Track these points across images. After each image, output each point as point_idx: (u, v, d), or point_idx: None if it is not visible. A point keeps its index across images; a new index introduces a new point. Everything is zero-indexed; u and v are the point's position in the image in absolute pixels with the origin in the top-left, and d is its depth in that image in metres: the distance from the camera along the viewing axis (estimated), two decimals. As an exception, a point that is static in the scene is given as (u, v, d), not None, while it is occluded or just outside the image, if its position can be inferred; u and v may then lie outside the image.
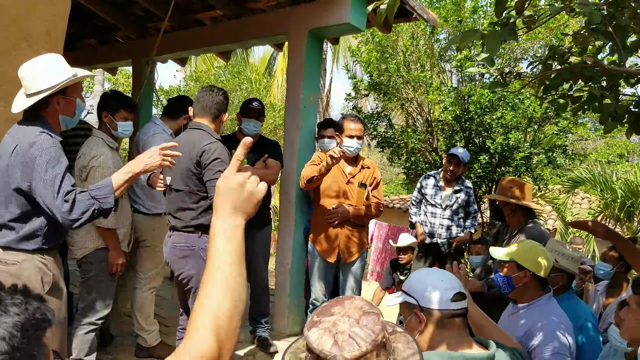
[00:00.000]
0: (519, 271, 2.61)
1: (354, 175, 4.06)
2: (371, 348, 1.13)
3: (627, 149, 20.97)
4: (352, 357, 1.11)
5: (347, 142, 4.00)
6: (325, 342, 1.14)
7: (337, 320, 1.18)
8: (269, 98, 12.60)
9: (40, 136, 2.22)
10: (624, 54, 2.15)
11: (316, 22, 4.46)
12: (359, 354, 1.11)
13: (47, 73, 2.27)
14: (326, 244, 4.02)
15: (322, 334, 1.16)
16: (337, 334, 1.15)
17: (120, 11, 6.12)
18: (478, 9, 6.46)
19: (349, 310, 1.20)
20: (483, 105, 6.27)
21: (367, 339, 1.13)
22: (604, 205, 9.44)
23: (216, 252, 1.06)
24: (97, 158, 3.14)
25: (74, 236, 3.19)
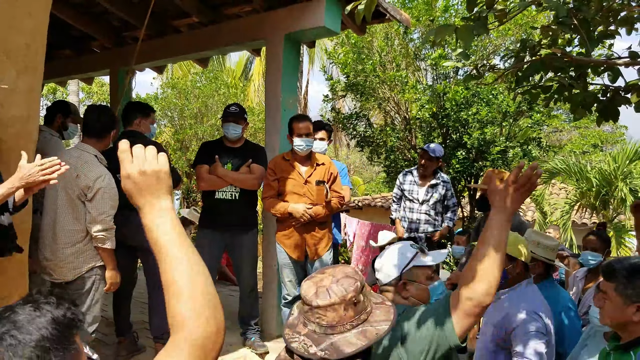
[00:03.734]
0: (510, 263, 2.67)
1: (310, 175, 4.05)
2: (339, 301, 1.46)
3: (600, 139, 21.46)
4: (322, 304, 1.46)
5: (296, 141, 4.02)
6: (310, 291, 1.50)
7: (324, 278, 1.53)
8: (247, 102, 12.64)
9: None
10: (589, 45, 2.25)
11: (292, 26, 4.52)
12: (328, 303, 1.46)
13: None
14: (293, 244, 4.05)
15: (310, 285, 1.52)
16: (320, 287, 1.50)
17: (95, 21, 6.10)
18: (449, 8, 6.60)
19: (336, 272, 1.54)
20: (458, 101, 6.41)
21: (338, 293, 1.46)
22: (580, 194, 9.67)
23: (161, 246, 1.05)
24: (102, 179, 3.13)
25: (63, 259, 3.13)
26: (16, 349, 0.85)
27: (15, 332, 0.86)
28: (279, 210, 3.97)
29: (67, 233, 3.15)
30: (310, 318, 1.49)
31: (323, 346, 1.44)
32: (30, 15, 3.07)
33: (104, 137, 3.38)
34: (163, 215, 1.08)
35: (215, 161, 4.10)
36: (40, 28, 3.14)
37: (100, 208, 3.13)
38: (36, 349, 0.86)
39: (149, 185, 1.09)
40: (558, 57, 2.27)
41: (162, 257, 1.04)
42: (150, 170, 1.09)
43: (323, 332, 1.47)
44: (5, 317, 0.89)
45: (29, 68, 3.06)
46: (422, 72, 7.63)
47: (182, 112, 9.68)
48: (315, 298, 1.47)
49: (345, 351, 1.42)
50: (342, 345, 1.43)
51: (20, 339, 0.86)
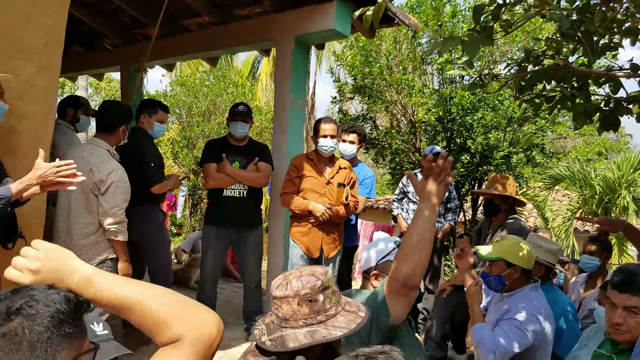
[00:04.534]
0: (508, 268, 2.74)
1: (332, 176, 4.17)
2: (292, 295, 1.52)
3: (605, 147, 21.47)
4: (278, 295, 1.54)
5: (321, 142, 4.13)
6: (277, 282, 1.59)
7: (294, 272, 1.61)
8: (255, 102, 12.73)
9: None
10: (592, 57, 2.32)
11: (302, 28, 4.60)
12: (283, 295, 1.53)
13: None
14: (309, 241, 4.12)
15: (280, 277, 1.61)
16: (284, 280, 1.57)
17: (107, 18, 6.19)
18: (457, 14, 6.68)
19: (305, 270, 1.61)
20: (464, 106, 6.48)
21: (294, 287, 1.53)
22: (582, 201, 9.73)
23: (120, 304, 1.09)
24: (114, 173, 3.22)
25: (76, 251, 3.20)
26: (34, 318, 0.92)
27: (33, 304, 0.93)
28: (299, 206, 4.05)
29: (80, 225, 3.24)
30: (272, 308, 1.57)
31: (273, 336, 1.51)
32: (48, 14, 3.16)
33: (114, 132, 3.47)
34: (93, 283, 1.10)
35: (223, 159, 4.18)
36: (58, 27, 3.24)
37: (112, 201, 3.22)
38: (52, 320, 0.93)
39: (56, 271, 1.09)
40: (561, 68, 2.34)
41: (125, 309, 1.09)
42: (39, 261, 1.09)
43: (278, 323, 1.54)
44: (22, 292, 0.96)
45: (46, 65, 3.15)
46: (429, 76, 7.70)
47: (190, 110, 9.76)
48: (275, 289, 1.56)
49: (289, 345, 1.48)
50: (288, 339, 1.49)
51: (38, 310, 0.93)
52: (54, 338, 0.93)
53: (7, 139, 2.87)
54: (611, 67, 2.39)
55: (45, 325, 0.92)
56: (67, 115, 4.10)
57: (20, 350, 0.89)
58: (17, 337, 0.90)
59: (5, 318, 0.91)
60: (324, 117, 4.37)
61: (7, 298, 0.95)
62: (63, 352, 0.94)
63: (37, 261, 1.09)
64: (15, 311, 0.92)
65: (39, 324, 0.92)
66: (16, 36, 2.99)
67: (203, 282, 4.39)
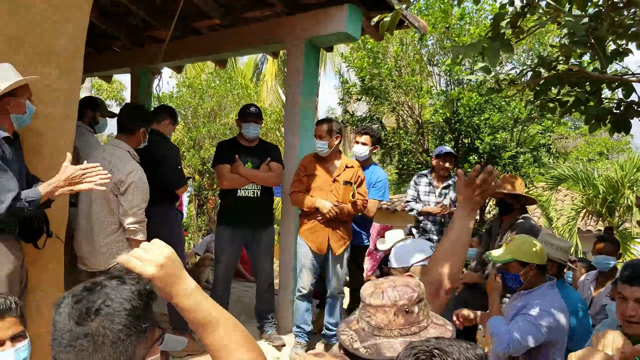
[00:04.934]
0: (523, 268, 2.80)
1: (338, 174, 4.25)
2: (390, 304, 1.50)
3: (606, 147, 21.55)
4: (374, 303, 1.51)
5: (317, 143, 4.24)
6: (368, 290, 1.56)
7: (385, 282, 1.59)
8: (260, 102, 12.80)
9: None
10: (605, 62, 2.40)
11: (313, 31, 4.66)
12: (379, 304, 1.50)
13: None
14: (317, 239, 4.20)
15: (370, 285, 1.59)
16: (377, 288, 1.55)
17: (117, 21, 6.26)
18: (465, 16, 6.76)
19: (398, 281, 1.59)
20: (472, 107, 6.57)
21: (391, 297, 1.51)
22: (586, 201, 9.81)
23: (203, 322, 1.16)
24: (134, 173, 3.29)
25: (98, 249, 3.31)
26: (113, 317, 0.98)
27: (110, 303, 0.99)
28: (307, 204, 4.14)
29: (101, 225, 3.31)
30: (362, 316, 1.55)
31: (367, 344, 1.49)
32: (71, 19, 3.24)
33: (134, 133, 3.54)
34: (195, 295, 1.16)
35: (236, 160, 4.26)
36: (80, 31, 3.32)
37: (132, 201, 3.29)
38: (129, 317, 1.00)
39: (172, 274, 1.14)
40: (574, 73, 2.42)
41: (205, 330, 1.16)
42: (164, 259, 1.13)
43: (370, 331, 1.51)
44: (98, 290, 1.02)
45: (69, 69, 3.23)
46: (436, 77, 7.79)
47: (195, 111, 9.84)
48: (369, 297, 1.53)
49: (386, 354, 1.46)
50: (384, 348, 1.47)
51: (115, 309, 0.99)
52: (132, 334, 1.00)
53: (32, 141, 2.95)
54: (624, 72, 2.47)
55: (124, 324, 0.99)
56: (86, 117, 4.17)
57: (103, 349, 0.96)
58: (99, 337, 0.96)
59: (85, 318, 0.97)
60: (320, 119, 4.45)
61: (85, 298, 1.00)
62: (141, 345, 1.02)
63: (163, 258, 1.13)
64: (95, 312, 0.98)
65: (118, 323, 0.98)
66: (43, 41, 3.07)
67: (216, 282, 4.46)
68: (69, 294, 1.04)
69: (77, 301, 1.00)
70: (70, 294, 1.03)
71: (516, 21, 2.13)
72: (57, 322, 1.00)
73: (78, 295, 1.01)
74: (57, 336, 0.99)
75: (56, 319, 1.01)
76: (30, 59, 3.00)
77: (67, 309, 1.00)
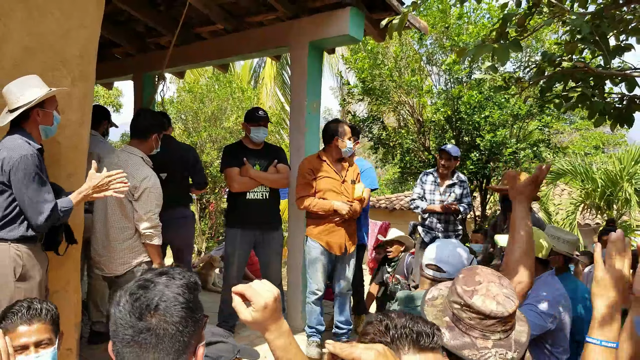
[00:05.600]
0: None
1: (345, 175, 4.33)
2: (518, 301, 1.53)
3: (602, 141, 21.69)
4: (512, 310, 1.49)
5: (348, 144, 4.28)
6: (490, 304, 1.49)
7: (488, 286, 1.53)
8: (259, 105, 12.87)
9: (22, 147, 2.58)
10: (608, 57, 2.48)
11: (317, 34, 4.74)
12: (515, 307, 1.50)
13: (26, 91, 2.63)
14: (336, 239, 4.25)
15: (484, 299, 1.50)
16: (495, 296, 1.50)
17: (121, 27, 6.32)
18: (463, 15, 6.85)
19: (488, 277, 1.57)
20: (472, 105, 6.66)
21: (514, 295, 1.53)
22: (585, 194, 9.90)
23: None
24: (148, 179, 3.35)
25: (114, 254, 3.37)
26: (170, 312, 1.05)
27: (165, 298, 1.06)
28: (324, 207, 4.15)
29: (117, 230, 3.37)
30: (496, 329, 1.50)
31: (513, 347, 1.49)
32: (84, 27, 3.31)
33: (147, 139, 3.57)
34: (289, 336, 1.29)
35: (245, 163, 4.32)
36: (93, 39, 3.39)
37: (146, 207, 3.34)
38: (183, 310, 1.07)
39: (271, 316, 1.25)
40: (579, 69, 2.50)
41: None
42: (271, 303, 1.25)
43: (506, 335, 1.51)
44: (150, 288, 1.08)
45: (82, 76, 3.30)
46: (435, 76, 7.88)
47: (196, 115, 9.91)
48: (503, 309, 1.48)
49: (523, 341, 1.52)
50: (519, 337, 1.52)
51: (171, 304, 1.06)
52: (189, 325, 1.07)
53: (48, 148, 3.00)
54: (627, 67, 2.55)
55: (181, 316, 1.06)
56: (102, 126, 4.27)
57: (164, 341, 1.03)
58: (160, 330, 1.03)
59: (146, 314, 1.04)
60: (342, 120, 4.52)
61: (142, 296, 1.07)
62: (197, 333, 1.09)
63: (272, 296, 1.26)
64: (154, 308, 1.05)
65: (175, 316, 1.05)
66: (56, 49, 3.15)
67: (228, 283, 4.51)
68: (125, 292, 1.10)
69: (135, 299, 1.06)
70: (127, 293, 1.09)
71: (523, 21, 2.22)
72: (119, 319, 1.06)
73: (135, 294, 1.07)
74: (119, 332, 1.05)
75: (117, 315, 1.06)
76: (45, 67, 3.06)
77: (128, 307, 1.06)
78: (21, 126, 2.68)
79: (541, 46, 6.90)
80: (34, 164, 2.57)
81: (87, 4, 3.30)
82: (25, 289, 2.61)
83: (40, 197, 2.57)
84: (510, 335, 1.51)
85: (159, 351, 1.03)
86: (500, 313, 1.47)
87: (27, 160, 2.55)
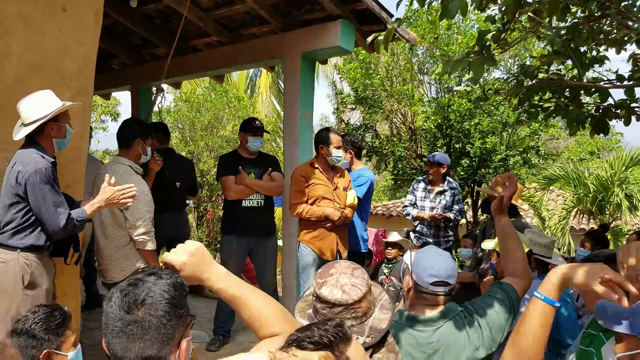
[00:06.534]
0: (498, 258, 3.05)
1: (337, 182, 4.43)
2: (367, 290, 1.62)
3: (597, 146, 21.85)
4: (357, 298, 1.59)
5: (335, 152, 4.37)
6: (336, 293, 1.60)
7: (338, 277, 1.65)
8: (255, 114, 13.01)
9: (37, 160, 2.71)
10: (582, 70, 2.62)
11: (308, 46, 4.88)
12: (362, 294, 1.59)
13: (41, 105, 2.76)
14: (327, 245, 4.35)
15: (332, 289, 1.61)
16: (342, 285, 1.61)
17: (117, 39, 6.45)
18: (452, 26, 7.01)
19: (342, 269, 1.68)
20: (462, 113, 6.81)
21: (363, 284, 1.62)
22: (577, 200, 10.01)
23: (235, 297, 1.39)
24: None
25: (112, 261, 3.46)
26: (156, 306, 1.18)
27: (151, 294, 1.19)
28: (316, 214, 4.25)
29: (113, 239, 3.46)
30: (345, 316, 1.59)
31: (366, 333, 1.59)
32: (82, 43, 3.44)
33: (131, 146, 3.60)
34: (225, 279, 1.41)
35: (240, 172, 4.44)
36: (91, 55, 3.52)
37: (136, 214, 3.40)
38: (168, 305, 1.19)
39: (202, 261, 1.40)
40: (555, 81, 2.63)
41: (239, 304, 1.39)
42: (194, 249, 1.40)
43: (359, 322, 1.60)
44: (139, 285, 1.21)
45: (81, 90, 3.43)
46: (426, 85, 8.03)
47: (193, 125, 10.04)
48: (347, 297, 1.59)
49: (382, 327, 1.61)
50: (376, 324, 1.61)
51: (156, 299, 1.18)
52: (172, 319, 1.19)
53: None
54: (600, 79, 2.68)
55: (165, 310, 1.18)
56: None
57: (149, 332, 1.16)
58: (146, 322, 1.16)
59: (133, 308, 1.17)
60: (333, 129, 4.63)
61: (131, 292, 1.19)
62: (180, 328, 1.22)
63: (194, 248, 1.40)
64: (141, 302, 1.17)
65: (160, 310, 1.18)
66: (56, 65, 3.27)
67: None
68: (116, 289, 1.22)
69: (125, 295, 1.19)
70: (118, 289, 1.22)
71: (499, 36, 2.35)
72: (110, 313, 1.18)
73: (125, 290, 1.20)
74: (109, 324, 1.17)
75: (108, 310, 1.19)
76: (45, 83, 3.16)
77: (118, 302, 1.18)
78: (35, 139, 2.81)
79: (529, 54, 7.06)
80: (48, 176, 2.70)
81: (85, 22, 3.44)
82: (33, 296, 2.73)
83: (55, 207, 2.71)
84: (366, 322, 1.61)
85: (144, 341, 1.15)
86: (344, 301, 1.58)
87: (42, 173, 2.68)
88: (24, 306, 2.68)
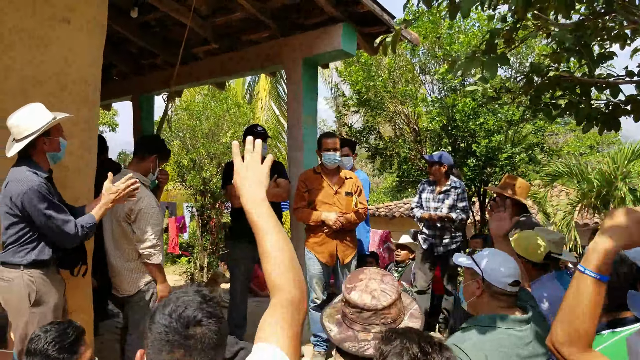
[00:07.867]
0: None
1: (339, 186, 4.42)
2: (396, 297, 1.61)
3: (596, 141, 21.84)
4: (387, 303, 1.58)
5: (326, 155, 4.38)
6: (365, 298, 1.60)
7: (367, 282, 1.64)
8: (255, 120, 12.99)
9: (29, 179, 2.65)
10: (592, 66, 2.59)
11: (310, 50, 4.86)
12: (391, 301, 1.59)
13: (31, 120, 2.69)
14: (325, 250, 4.36)
15: (361, 293, 1.61)
16: (372, 291, 1.61)
17: (118, 50, 6.43)
18: (454, 25, 7.00)
19: (371, 274, 1.68)
20: (467, 112, 6.79)
21: (393, 290, 1.61)
22: (581, 195, 9.98)
23: (256, 224, 1.35)
24: (141, 201, 3.36)
25: (121, 275, 3.44)
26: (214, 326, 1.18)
27: (209, 316, 1.19)
28: (313, 218, 4.29)
29: (122, 253, 3.43)
30: (374, 322, 1.59)
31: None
32: (87, 55, 3.42)
33: (145, 159, 3.59)
34: (260, 205, 1.38)
35: None
36: (95, 66, 3.50)
37: (143, 227, 3.37)
38: (219, 322, 1.20)
39: (251, 180, 1.41)
40: (566, 78, 2.61)
41: (257, 231, 1.35)
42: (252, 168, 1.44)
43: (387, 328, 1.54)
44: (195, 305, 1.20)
45: (86, 102, 3.41)
46: (428, 85, 8.01)
47: (193, 133, 10.01)
48: (377, 302, 1.58)
49: None
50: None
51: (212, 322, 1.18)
52: (223, 335, 1.22)
53: (56, 173, 3.09)
54: (610, 75, 2.66)
55: (217, 329, 1.20)
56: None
57: (208, 348, 1.16)
58: (205, 339, 1.16)
59: (192, 325, 1.17)
60: (326, 133, 4.62)
61: (188, 311, 1.19)
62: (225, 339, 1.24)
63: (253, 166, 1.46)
64: (198, 322, 1.18)
65: (215, 327, 1.19)
66: (61, 76, 3.25)
67: (234, 297, 4.61)
68: (167, 302, 1.22)
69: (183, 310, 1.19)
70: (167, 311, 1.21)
71: (510, 35, 2.33)
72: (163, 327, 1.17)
73: (180, 308, 1.20)
74: (162, 336, 1.16)
75: (162, 322, 1.18)
76: (49, 94, 3.16)
77: (175, 317, 1.18)
78: (28, 155, 2.75)
79: (531, 52, 7.05)
80: (42, 192, 2.65)
81: (90, 33, 3.42)
82: (40, 314, 2.70)
83: (59, 219, 2.68)
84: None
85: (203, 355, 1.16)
86: (373, 306, 1.58)
87: (35, 191, 2.62)
88: (32, 324, 2.67)
